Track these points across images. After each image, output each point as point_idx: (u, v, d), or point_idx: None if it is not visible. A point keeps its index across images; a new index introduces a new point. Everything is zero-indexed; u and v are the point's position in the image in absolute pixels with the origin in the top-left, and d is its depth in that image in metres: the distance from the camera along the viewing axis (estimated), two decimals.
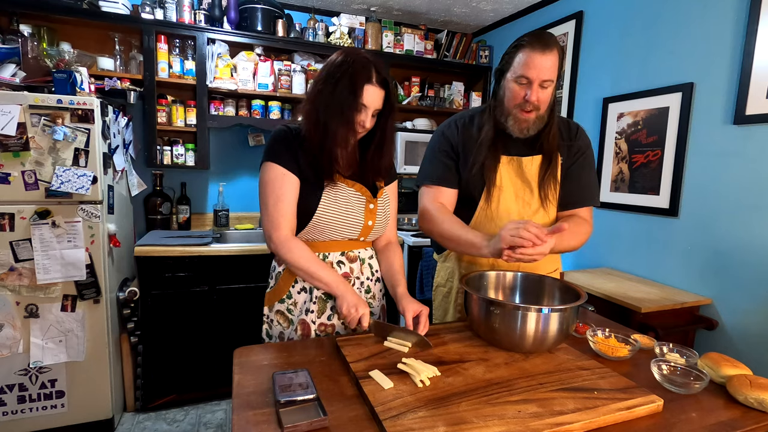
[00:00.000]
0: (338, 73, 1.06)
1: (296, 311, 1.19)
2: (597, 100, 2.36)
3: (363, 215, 1.18)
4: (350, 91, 1.05)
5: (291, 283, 1.19)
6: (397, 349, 1.00)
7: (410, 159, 2.97)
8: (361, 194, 1.18)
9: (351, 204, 1.16)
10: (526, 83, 1.17)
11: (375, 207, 1.20)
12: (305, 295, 1.19)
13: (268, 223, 1.12)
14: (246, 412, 0.76)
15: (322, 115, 1.07)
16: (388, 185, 1.28)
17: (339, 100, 1.06)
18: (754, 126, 1.66)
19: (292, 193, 1.11)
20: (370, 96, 1.08)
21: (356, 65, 1.06)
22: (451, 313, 1.42)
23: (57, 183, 1.78)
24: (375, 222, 1.20)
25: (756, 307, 1.66)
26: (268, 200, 1.11)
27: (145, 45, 2.35)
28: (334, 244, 1.18)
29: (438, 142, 1.36)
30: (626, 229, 2.20)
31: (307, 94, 1.14)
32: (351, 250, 1.21)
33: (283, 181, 1.10)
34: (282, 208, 1.10)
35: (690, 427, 0.77)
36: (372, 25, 2.89)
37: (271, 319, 1.23)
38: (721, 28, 1.77)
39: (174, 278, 2.22)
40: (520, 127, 1.23)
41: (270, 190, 1.11)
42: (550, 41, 1.15)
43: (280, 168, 1.10)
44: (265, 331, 1.25)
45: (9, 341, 1.82)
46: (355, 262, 1.22)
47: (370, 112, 1.10)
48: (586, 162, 1.33)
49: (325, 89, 1.07)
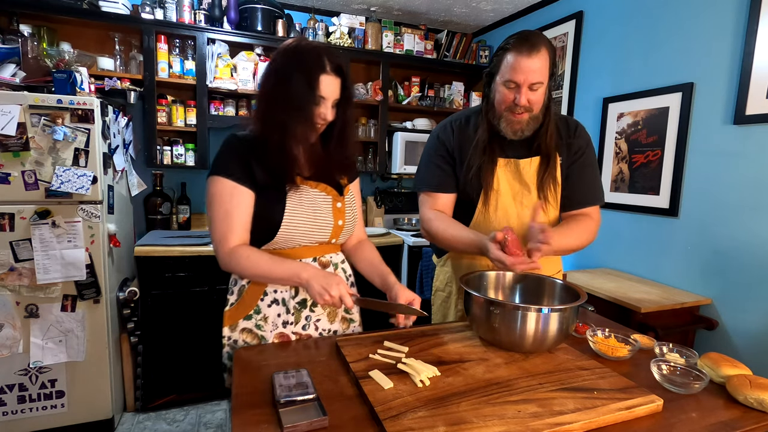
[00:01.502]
0: (289, 68, 0.99)
1: (267, 326, 1.09)
2: (597, 100, 2.36)
3: (332, 215, 1.11)
4: (306, 84, 0.98)
5: (259, 297, 1.09)
6: (397, 349, 1.00)
7: (410, 159, 2.98)
8: (327, 194, 1.11)
9: (318, 206, 1.09)
10: (515, 87, 1.15)
11: (343, 206, 1.14)
12: (279, 307, 1.10)
13: (215, 241, 1.03)
14: (246, 412, 0.76)
15: (279, 115, 1.00)
16: (352, 182, 1.22)
17: (295, 96, 0.98)
18: (754, 126, 1.66)
19: (242, 207, 1.02)
20: (327, 86, 1.00)
21: (307, 56, 0.99)
22: (451, 318, 1.41)
23: (57, 183, 1.78)
24: (345, 221, 1.14)
25: (756, 307, 1.66)
26: (215, 216, 1.02)
27: (145, 45, 2.35)
28: (305, 250, 1.11)
29: (434, 146, 1.34)
30: (626, 229, 2.20)
31: (257, 94, 1.08)
32: (323, 255, 1.14)
33: (233, 194, 1.01)
34: (230, 222, 1.01)
35: (690, 427, 0.77)
36: (372, 25, 2.89)
37: (234, 340, 1.11)
38: (721, 28, 1.77)
39: (174, 278, 2.22)
40: (513, 129, 1.21)
41: (218, 206, 1.02)
42: (537, 42, 1.12)
43: (229, 182, 1.01)
44: (226, 356, 1.11)
45: (9, 341, 1.82)
46: (327, 267, 1.15)
47: (329, 103, 1.03)
48: (588, 161, 1.31)
49: (278, 86, 1.00)
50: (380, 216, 3.25)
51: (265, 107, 1.03)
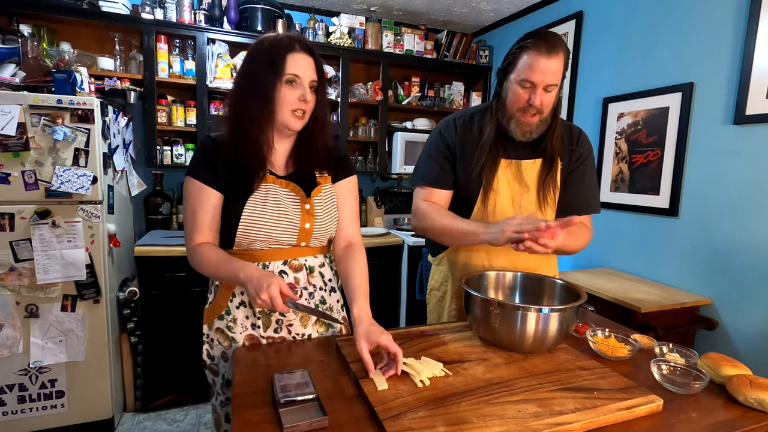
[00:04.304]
0: (254, 50, 1.01)
1: (237, 328, 1.08)
2: (597, 100, 2.36)
3: (298, 217, 1.05)
4: (267, 63, 0.97)
5: (229, 298, 1.08)
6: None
7: (410, 159, 2.98)
8: (295, 194, 1.06)
9: (282, 206, 1.04)
10: (530, 87, 1.13)
11: (312, 207, 1.07)
12: (246, 309, 1.08)
13: (185, 237, 1.06)
14: (246, 412, 0.76)
15: (238, 101, 1.01)
16: (341, 180, 1.16)
17: (255, 78, 0.99)
18: (754, 126, 1.66)
19: (207, 206, 1.03)
20: (298, 64, 0.98)
21: (274, 40, 1.00)
22: (445, 318, 1.41)
23: (57, 183, 1.78)
24: (314, 223, 1.07)
25: (756, 307, 1.66)
26: (185, 214, 1.06)
27: (145, 45, 2.35)
28: (274, 253, 1.06)
29: (435, 142, 1.33)
30: (626, 229, 2.20)
31: (228, 94, 1.09)
32: (295, 258, 1.08)
33: (199, 194, 1.03)
34: (196, 221, 1.03)
35: (690, 427, 0.77)
36: (372, 25, 2.89)
37: (211, 338, 1.12)
38: (721, 28, 1.77)
39: (174, 278, 2.22)
40: (522, 131, 1.20)
41: (187, 205, 1.05)
42: (557, 43, 1.11)
43: (197, 182, 1.03)
44: (205, 352, 1.13)
45: (9, 341, 1.82)
46: (300, 271, 1.09)
47: (306, 83, 1.00)
48: (587, 169, 1.30)
49: (242, 71, 1.02)
50: (380, 216, 3.25)
51: (235, 102, 1.02)
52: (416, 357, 0.95)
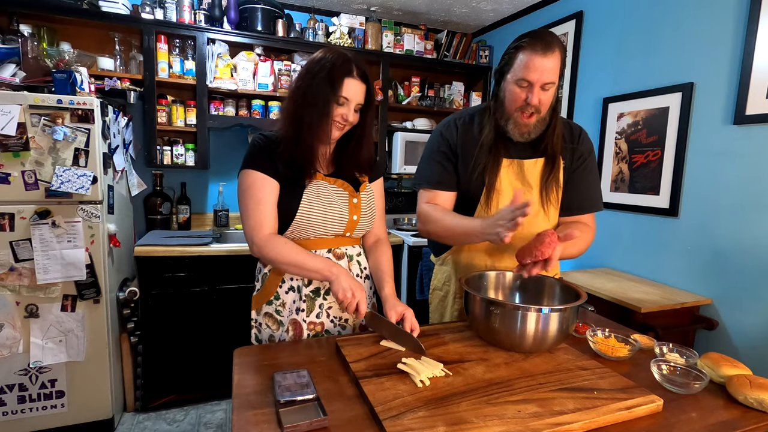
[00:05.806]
0: (317, 67, 1.09)
1: (285, 312, 1.18)
2: (597, 100, 2.36)
3: (347, 210, 1.18)
4: (328, 83, 1.06)
5: (278, 284, 1.18)
6: (396, 348, 1.00)
7: (410, 159, 2.98)
8: (343, 189, 1.19)
9: (333, 200, 1.16)
10: (527, 86, 1.14)
11: (359, 201, 1.20)
12: (294, 294, 1.18)
13: (249, 227, 1.11)
14: (246, 412, 0.76)
15: (298, 109, 1.09)
16: (374, 181, 1.30)
17: (315, 93, 1.07)
18: (754, 126, 1.66)
19: (272, 196, 1.11)
20: (351, 89, 1.09)
21: (336, 60, 1.09)
22: (447, 317, 1.41)
23: (57, 183, 1.78)
24: (360, 216, 1.20)
25: (756, 307, 1.66)
26: (248, 205, 1.11)
27: (145, 45, 2.35)
28: (321, 242, 1.17)
29: (436, 143, 1.33)
30: (626, 229, 2.20)
31: (287, 95, 1.16)
32: (338, 246, 1.20)
33: (263, 184, 1.10)
34: (263, 210, 1.10)
35: (690, 427, 0.77)
36: (372, 25, 2.89)
37: (259, 323, 1.22)
38: (721, 28, 1.77)
39: (174, 278, 2.22)
40: (520, 131, 1.21)
41: (250, 195, 1.11)
42: (552, 42, 1.11)
43: (259, 174, 1.11)
44: (254, 336, 1.24)
45: (9, 341, 1.82)
46: (342, 259, 1.21)
47: (353, 106, 1.11)
48: (589, 168, 1.31)
49: (303, 84, 1.09)
50: None
51: (289, 102, 1.12)
52: (416, 357, 0.95)
